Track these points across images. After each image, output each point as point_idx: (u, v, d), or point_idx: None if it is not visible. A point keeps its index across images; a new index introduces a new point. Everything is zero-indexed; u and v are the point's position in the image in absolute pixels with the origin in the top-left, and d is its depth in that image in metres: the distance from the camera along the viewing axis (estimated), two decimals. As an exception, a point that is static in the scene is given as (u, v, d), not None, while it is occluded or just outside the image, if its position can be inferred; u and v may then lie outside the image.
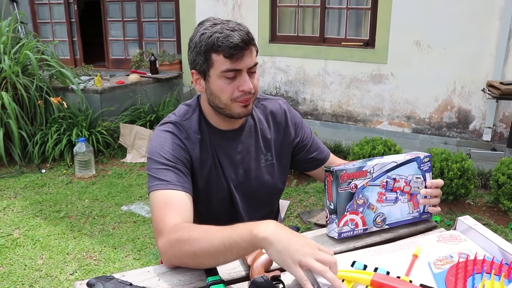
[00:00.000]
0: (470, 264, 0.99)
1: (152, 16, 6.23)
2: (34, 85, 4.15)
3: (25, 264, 2.70)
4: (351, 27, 4.93)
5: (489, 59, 4.24)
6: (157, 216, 1.13)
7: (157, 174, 1.18)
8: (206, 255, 1.00)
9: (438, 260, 1.02)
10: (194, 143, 1.26)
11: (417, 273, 0.98)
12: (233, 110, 1.22)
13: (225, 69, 1.16)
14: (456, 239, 1.10)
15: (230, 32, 1.14)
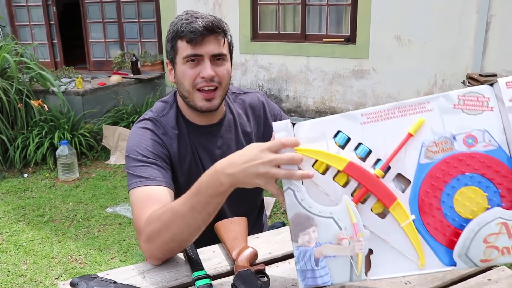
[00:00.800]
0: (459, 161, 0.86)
1: (132, 16, 6.17)
2: (14, 88, 4.07)
3: (8, 270, 2.65)
4: (332, 23, 4.95)
5: (468, 52, 4.30)
6: (136, 214, 1.12)
7: (136, 171, 1.17)
8: (184, 229, 1.00)
9: (433, 144, 0.86)
10: (172, 139, 1.26)
11: (403, 158, 0.88)
12: (195, 101, 1.22)
13: (186, 54, 1.18)
14: (480, 105, 0.85)
15: (194, 19, 1.16)
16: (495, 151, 0.84)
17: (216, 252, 1.14)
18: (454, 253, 0.85)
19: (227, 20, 4.96)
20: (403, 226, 0.86)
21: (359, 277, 0.88)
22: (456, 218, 0.85)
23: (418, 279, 1.00)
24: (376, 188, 0.87)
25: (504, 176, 0.84)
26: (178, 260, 1.11)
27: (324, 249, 0.88)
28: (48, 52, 6.50)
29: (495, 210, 0.83)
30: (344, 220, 0.87)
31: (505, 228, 0.83)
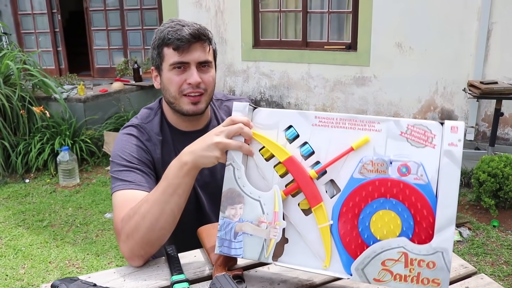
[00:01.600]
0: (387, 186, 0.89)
1: (136, 24, 6.23)
2: (16, 95, 4.13)
3: (7, 274, 2.68)
4: (333, 30, 4.97)
5: (470, 59, 4.29)
6: (116, 216, 1.14)
7: (120, 175, 1.19)
8: (160, 215, 1.05)
9: (370, 163, 0.90)
10: (156, 145, 1.28)
11: (339, 167, 0.93)
12: (181, 105, 1.24)
13: (173, 61, 1.20)
14: (425, 140, 0.89)
15: (181, 27, 1.19)
16: (423, 186, 0.87)
17: (197, 257, 1.14)
18: (352, 265, 0.90)
19: (229, 27, 4.98)
20: (320, 227, 0.93)
21: (267, 259, 0.96)
22: (367, 235, 0.90)
23: (396, 285, 0.99)
24: (306, 187, 0.94)
25: (424, 213, 0.87)
26: (159, 264, 1.12)
27: (244, 226, 0.97)
28: (53, 59, 6.57)
29: (402, 240, 0.87)
30: (268, 206, 0.95)
31: (404, 258, 0.87)
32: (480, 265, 2.61)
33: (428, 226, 0.87)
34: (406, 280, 0.87)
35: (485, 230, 3.00)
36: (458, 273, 1.04)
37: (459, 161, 0.86)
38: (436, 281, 0.86)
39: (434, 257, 0.85)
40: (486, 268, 2.58)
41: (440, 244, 0.85)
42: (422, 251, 0.86)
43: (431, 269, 0.86)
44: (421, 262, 0.86)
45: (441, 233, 0.85)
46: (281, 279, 1.04)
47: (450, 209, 0.85)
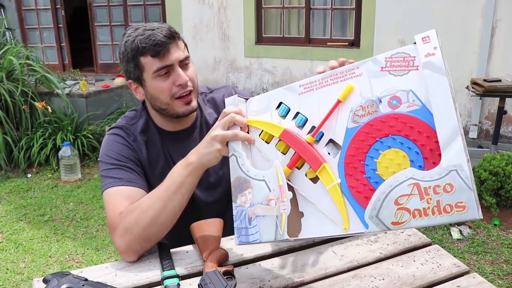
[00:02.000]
0: (381, 123, 0.85)
1: (139, 20, 6.22)
2: (19, 90, 4.14)
3: (7, 267, 2.69)
4: (336, 27, 4.95)
5: (473, 57, 4.26)
6: (110, 212, 1.14)
7: (109, 174, 1.19)
8: (161, 211, 1.07)
9: (360, 108, 0.87)
10: (141, 144, 1.28)
11: (334, 124, 0.90)
12: (176, 109, 1.22)
13: (156, 68, 1.17)
14: (406, 65, 0.84)
15: (151, 32, 1.15)
16: (419, 111, 0.82)
17: (189, 253, 1.14)
18: (365, 214, 0.84)
19: (232, 23, 4.98)
20: (328, 190, 0.89)
21: (282, 236, 0.91)
22: (378, 181, 0.84)
23: (387, 285, 0.99)
24: (305, 153, 0.92)
25: (426, 136, 0.81)
26: (151, 259, 1.12)
27: (256, 209, 0.95)
28: (57, 54, 6.57)
29: (408, 170, 0.80)
30: (273, 182, 0.94)
31: (417, 189, 0.79)
32: (480, 264, 2.60)
33: (435, 149, 0.79)
34: (426, 214, 0.78)
35: (486, 228, 2.99)
36: (450, 272, 1.04)
37: (442, 68, 0.79)
38: (460, 204, 0.76)
39: (449, 178, 0.76)
40: (486, 267, 2.57)
41: (451, 162, 0.76)
42: (433, 175, 0.77)
43: (449, 193, 0.76)
44: (437, 188, 0.77)
45: (448, 149, 0.77)
46: (271, 275, 1.04)
47: (449, 119, 0.77)
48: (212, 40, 5.44)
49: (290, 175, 0.94)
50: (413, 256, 1.09)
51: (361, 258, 1.09)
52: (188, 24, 5.50)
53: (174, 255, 1.13)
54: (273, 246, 1.15)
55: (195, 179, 1.07)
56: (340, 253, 1.11)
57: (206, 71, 5.54)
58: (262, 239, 0.95)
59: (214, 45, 5.45)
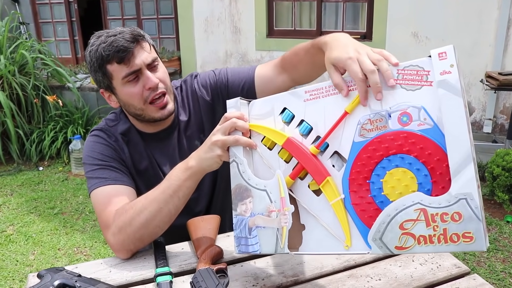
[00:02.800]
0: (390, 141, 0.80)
1: (151, 13, 6.23)
2: (31, 84, 4.18)
3: (17, 259, 2.73)
4: (348, 20, 4.88)
5: (488, 50, 4.17)
6: (100, 213, 1.14)
7: (94, 175, 1.18)
8: (157, 214, 1.05)
9: (368, 122, 0.82)
10: (123, 144, 1.26)
11: (340, 136, 0.86)
12: (150, 114, 1.20)
13: (124, 74, 1.14)
14: (420, 80, 0.79)
15: (112, 38, 1.12)
16: (430, 131, 0.77)
17: (184, 250, 1.13)
18: (369, 236, 0.81)
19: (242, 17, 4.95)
20: (332, 205, 0.85)
21: (283, 250, 0.89)
22: (383, 201, 0.80)
23: (383, 285, 0.97)
24: (309, 165, 0.88)
25: (437, 159, 0.76)
26: (146, 256, 1.11)
27: (256, 219, 0.92)
28: (70, 48, 6.63)
29: (416, 195, 0.77)
30: (275, 193, 0.90)
31: (423, 215, 0.76)
32: (490, 262, 2.55)
33: (444, 173, 0.75)
34: (432, 241, 0.75)
35: (498, 225, 2.93)
36: (450, 273, 1.01)
37: (458, 89, 0.74)
38: (467, 235, 0.73)
39: (458, 206, 0.73)
40: (497, 265, 2.52)
41: (461, 190, 0.73)
42: (442, 202, 0.74)
43: (457, 222, 0.73)
44: (444, 216, 0.74)
45: (459, 176, 0.73)
46: (266, 274, 1.02)
47: (462, 144, 0.73)
48: (224, 33, 5.42)
49: (293, 186, 0.91)
50: (412, 256, 1.07)
51: (358, 258, 1.06)
52: (200, 17, 5.49)
53: (169, 252, 1.12)
54: (270, 244, 1.13)
55: (193, 184, 1.05)
56: (337, 251, 1.09)
57: (217, 64, 5.53)
58: (262, 251, 0.92)
59: (225, 38, 5.42)
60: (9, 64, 4.12)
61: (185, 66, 5.71)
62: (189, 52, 5.68)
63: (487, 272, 2.45)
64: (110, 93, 1.22)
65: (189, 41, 5.65)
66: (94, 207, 1.17)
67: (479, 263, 2.54)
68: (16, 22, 5.16)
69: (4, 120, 4.03)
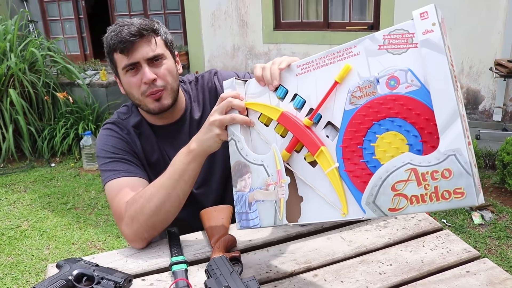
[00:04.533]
0: (379, 105, 0.81)
1: (158, 9, 6.24)
2: (41, 82, 4.23)
3: (32, 254, 2.78)
4: (355, 11, 4.86)
5: (497, 37, 4.13)
6: (114, 203, 1.16)
7: (107, 167, 1.21)
8: (166, 199, 1.08)
9: (357, 89, 0.84)
10: (135, 137, 1.29)
11: (332, 106, 0.88)
12: (147, 105, 1.22)
13: (124, 65, 1.18)
14: (405, 43, 0.80)
15: (121, 28, 1.16)
16: (417, 92, 0.78)
17: (198, 239, 1.16)
18: (362, 200, 0.82)
19: (249, 10, 4.92)
20: (327, 174, 0.87)
21: (281, 221, 0.92)
22: (376, 165, 0.81)
23: (394, 270, 0.98)
24: (303, 137, 0.91)
25: (425, 119, 0.77)
26: (161, 246, 1.14)
27: (255, 194, 0.95)
28: (78, 45, 6.67)
29: (405, 155, 0.78)
30: (271, 167, 0.93)
31: (414, 175, 0.76)
32: (502, 249, 2.55)
33: (434, 132, 0.76)
34: (424, 200, 0.76)
35: (509, 213, 2.92)
36: (460, 257, 1.02)
37: (441, 46, 0.74)
38: (458, 190, 0.73)
39: (447, 163, 0.73)
40: (509, 252, 2.52)
41: (449, 146, 0.73)
42: (431, 160, 0.75)
43: (448, 178, 0.73)
44: (435, 174, 0.74)
45: (446, 133, 0.73)
46: (279, 261, 1.04)
47: (447, 101, 0.73)
48: (231, 27, 5.42)
49: (289, 159, 0.93)
50: (423, 242, 1.08)
51: (369, 244, 1.08)
52: (207, 11, 5.49)
53: (183, 241, 1.14)
54: (281, 232, 1.15)
55: (197, 166, 1.07)
56: (349, 238, 1.11)
57: (225, 58, 5.54)
58: (262, 224, 0.95)
59: (232, 32, 5.43)
60: (19, 62, 4.16)
61: (193, 60, 5.73)
62: (197, 46, 5.69)
63: (498, 259, 2.45)
64: (119, 79, 1.26)
65: (196, 36, 5.66)
66: (108, 199, 1.20)
67: (490, 251, 2.55)
68: (25, 20, 5.20)
69: (16, 117, 4.09)
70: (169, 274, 1.01)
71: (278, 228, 1.17)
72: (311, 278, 0.97)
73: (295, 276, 0.99)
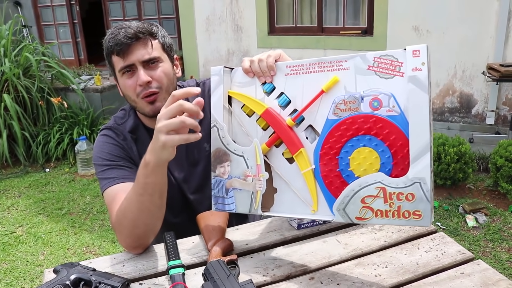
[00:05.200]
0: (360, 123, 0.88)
1: (153, 13, 6.27)
2: (36, 87, 4.22)
3: (27, 260, 2.77)
4: (349, 15, 4.89)
5: (490, 42, 4.17)
6: (111, 212, 1.16)
7: (104, 175, 1.22)
8: (138, 213, 1.05)
9: (342, 102, 0.90)
10: (131, 142, 1.29)
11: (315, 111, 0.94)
12: (142, 107, 1.23)
13: (120, 67, 1.19)
14: (393, 70, 0.86)
15: (118, 31, 1.17)
16: (397, 117, 0.86)
17: (195, 243, 1.16)
18: (334, 205, 0.91)
19: (244, 15, 4.94)
20: (303, 173, 0.95)
21: (256, 211, 1.00)
22: (349, 175, 0.90)
23: (389, 273, 0.99)
24: (284, 136, 0.97)
25: (400, 144, 0.85)
26: (158, 250, 1.14)
27: (233, 182, 1.02)
28: (73, 50, 6.67)
29: (378, 175, 0.87)
30: (251, 160, 0.99)
31: (383, 193, 0.86)
32: (496, 251, 2.57)
33: (405, 157, 0.85)
34: (387, 215, 0.87)
35: (502, 215, 2.95)
36: (454, 259, 1.03)
37: (426, 86, 0.82)
38: (417, 213, 0.84)
39: (412, 188, 0.84)
40: (502, 254, 2.54)
41: (416, 175, 0.83)
42: (399, 183, 0.85)
43: (410, 201, 0.84)
44: (400, 195, 0.85)
45: (416, 163, 0.83)
46: (275, 264, 1.05)
47: (422, 136, 0.82)
48: (225, 31, 5.44)
49: (268, 152, 0.99)
50: (418, 244, 1.09)
51: (365, 246, 1.09)
52: (201, 16, 5.52)
53: (180, 245, 1.14)
54: (278, 236, 1.16)
55: (158, 178, 1.01)
56: (344, 241, 1.12)
57: (220, 63, 5.55)
58: (237, 210, 1.03)
59: (227, 37, 5.45)
60: (13, 67, 4.16)
61: (188, 65, 5.74)
62: (191, 51, 5.71)
63: (492, 262, 2.47)
64: (117, 82, 1.27)
65: (191, 40, 5.68)
66: (107, 207, 1.21)
67: (484, 253, 2.57)
68: (19, 25, 5.19)
69: (10, 122, 4.07)
70: (166, 278, 1.02)
71: (275, 231, 1.18)
72: (308, 281, 0.98)
73: (292, 279, 0.99)
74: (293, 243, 1.13)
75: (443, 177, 3.17)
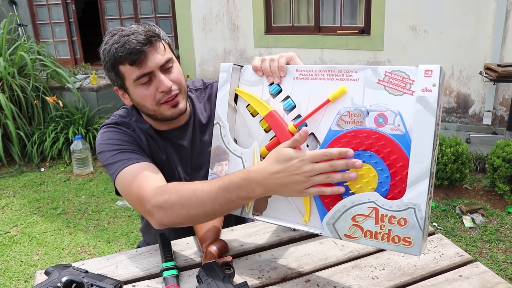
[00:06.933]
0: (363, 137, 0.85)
1: (149, 12, 6.23)
2: (31, 86, 4.19)
3: (21, 260, 2.74)
4: (346, 15, 4.88)
5: (487, 42, 4.17)
6: (135, 187, 1.07)
7: (115, 158, 1.14)
8: (201, 214, 0.97)
9: (347, 114, 0.87)
10: (141, 133, 1.23)
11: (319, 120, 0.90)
12: (164, 113, 1.17)
13: (136, 76, 1.11)
14: (403, 87, 0.83)
15: (126, 38, 1.09)
16: (400, 137, 0.82)
17: (189, 244, 1.15)
18: (324, 219, 0.88)
19: (240, 14, 4.92)
20: None
21: (247, 214, 0.98)
22: (345, 190, 0.86)
23: (387, 275, 0.98)
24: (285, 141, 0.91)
25: (400, 165, 0.81)
26: (152, 251, 1.13)
27: None
28: (68, 49, 6.63)
29: (373, 194, 0.83)
30: (249, 162, 0.97)
31: (375, 214, 0.83)
32: (492, 252, 2.56)
33: (403, 179, 0.81)
34: (376, 238, 0.83)
35: (499, 216, 2.94)
36: (453, 261, 1.02)
37: (434, 109, 0.78)
38: (407, 239, 0.80)
39: (406, 213, 0.80)
40: (499, 255, 2.53)
41: (412, 200, 0.79)
42: (393, 206, 0.81)
43: (402, 226, 0.80)
44: (392, 219, 0.81)
45: (413, 187, 0.79)
46: (270, 266, 1.03)
47: (423, 160, 0.78)
48: (222, 30, 5.42)
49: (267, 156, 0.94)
50: (415, 246, 1.07)
51: (362, 248, 1.08)
52: (198, 15, 5.49)
53: (175, 246, 1.13)
54: (274, 237, 1.15)
55: (250, 201, 0.97)
56: (341, 243, 1.10)
57: (216, 62, 5.53)
58: None
59: (223, 36, 5.43)
60: (8, 66, 4.13)
61: (184, 64, 5.72)
62: (188, 50, 5.68)
63: (489, 263, 2.46)
64: (123, 92, 1.20)
65: (187, 40, 5.65)
66: (123, 189, 1.11)
67: (481, 254, 2.56)
68: (14, 24, 5.16)
69: (5, 122, 4.04)
70: (160, 280, 1.00)
71: (271, 233, 1.17)
72: (304, 284, 0.96)
73: (288, 281, 0.98)
74: (289, 244, 1.12)
75: (440, 178, 3.16)
